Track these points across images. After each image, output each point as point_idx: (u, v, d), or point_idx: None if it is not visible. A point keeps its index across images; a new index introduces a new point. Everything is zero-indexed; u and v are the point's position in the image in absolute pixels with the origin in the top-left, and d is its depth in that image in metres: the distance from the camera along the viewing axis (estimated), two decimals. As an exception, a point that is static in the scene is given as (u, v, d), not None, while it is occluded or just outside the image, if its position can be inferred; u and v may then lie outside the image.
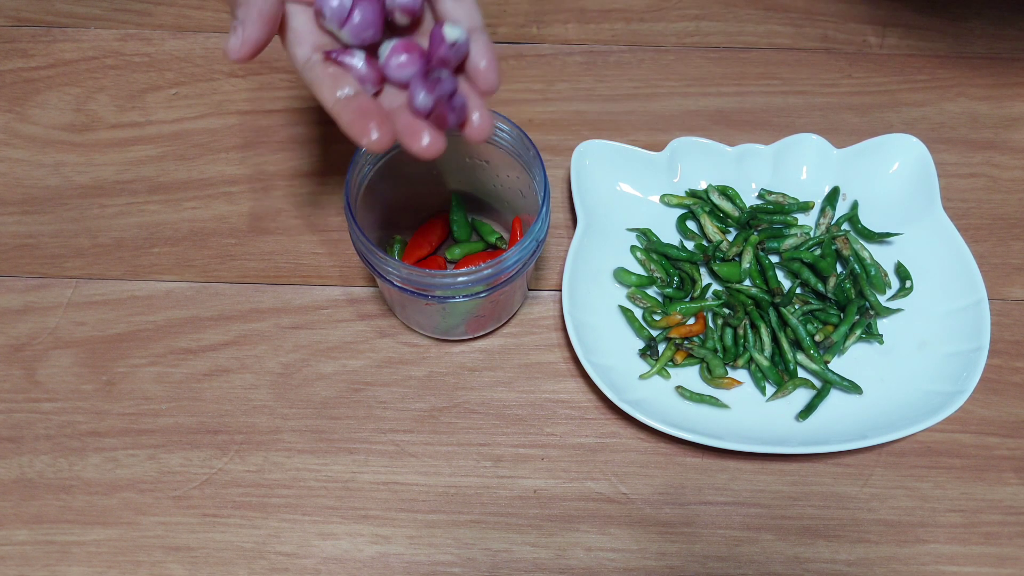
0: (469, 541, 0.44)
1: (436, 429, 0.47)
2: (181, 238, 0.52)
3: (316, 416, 0.47)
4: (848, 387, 0.47)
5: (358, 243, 0.41)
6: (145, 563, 0.43)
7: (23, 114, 0.56)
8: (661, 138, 0.54)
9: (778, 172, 0.53)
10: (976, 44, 0.60)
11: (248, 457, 0.46)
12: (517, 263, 0.41)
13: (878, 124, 0.56)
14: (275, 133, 0.56)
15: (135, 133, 0.55)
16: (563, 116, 0.56)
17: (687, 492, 0.45)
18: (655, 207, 0.53)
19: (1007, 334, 0.50)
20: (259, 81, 0.57)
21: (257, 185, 0.54)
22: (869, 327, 0.48)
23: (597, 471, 0.46)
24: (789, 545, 0.44)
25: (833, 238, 0.50)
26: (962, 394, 0.45)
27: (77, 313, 0.50)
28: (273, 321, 0.49)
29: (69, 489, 0.45)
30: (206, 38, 0.59)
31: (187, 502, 0.45)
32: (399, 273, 0.41)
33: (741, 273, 0.50)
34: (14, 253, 0.51)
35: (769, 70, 0.58)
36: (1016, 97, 0.58)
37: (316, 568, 0.43)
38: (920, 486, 0.46)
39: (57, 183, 0.54)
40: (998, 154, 0.55)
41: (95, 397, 0.47)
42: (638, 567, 0.44)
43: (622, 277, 0.50)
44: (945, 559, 0.44)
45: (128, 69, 0.58)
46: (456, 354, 0.49)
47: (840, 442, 0.44)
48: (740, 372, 0.48)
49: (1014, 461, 0.46)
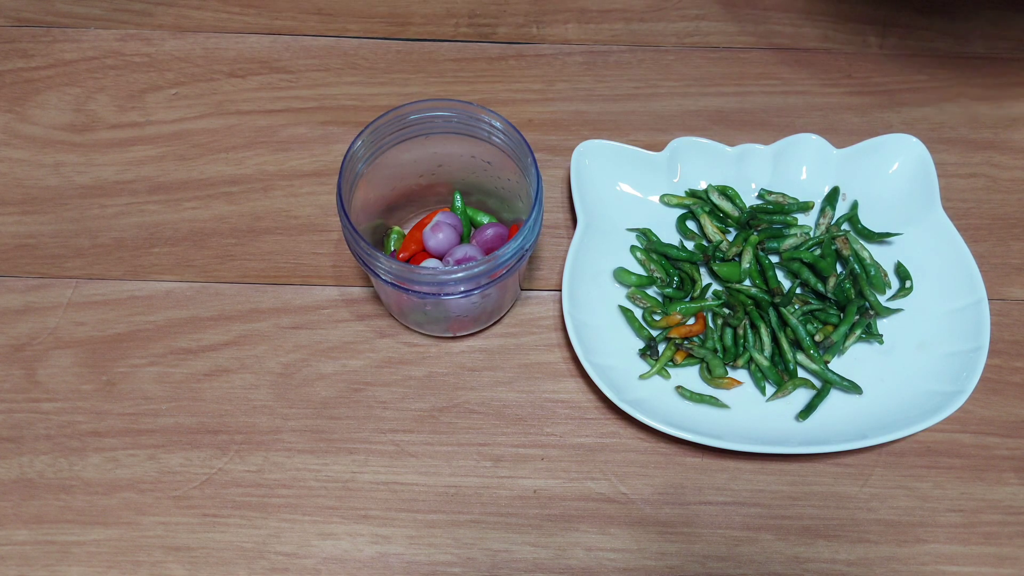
0: (469, 541, 0.44)
1: (436, 429, 0.47)
2: (181, 238, 0.52)
3: (316, 416, 0.47)
4: (848, 387, 0.47)
5: (346, 232, 0.41)
6: (145, 563, 0.43)
7: (23, 114, 0.56)
8: (661, 138, 0.54)
9: (778, 172, 0.53)
10: (976, 44, 0.60)
11: (248, 457, 0.46)
12: (505, 263, 0.41)
13: (878, 124, 0.56)
14: (275, 133, 0.56)
15: (135, 133, 0.55)
16: (563, 116, 0.56)
17: (687, 492, 0.45)
18: (655, 207, 0.53)
19: (1007, 334, 0.50)
20: (259, 81, 0.58)
21: (257, 185, 0.54)
22: (869, 327, 0.48)
23: (597, 471, 0.46)
24: (789, 545, 0.44)
25: (833, 238, 0.50)
26: (962, 394, 0.45)
27: (77, 313, 0.50)
28: (273, 321, 0.49)
29: (69, 489, 0.45)
30: (206, 38, 0.59)
31: (187, 502, 0.45)
32: (384, 266, 0.41)
33: (741, 273, 0.50)
34: (14, 253, 0.51)
35: (769, 70, 0.58)
36: (1016, 97, 0.58)
37: (316, 568, 0.43)
38: (920, 486, 0.46)
39: (57, 183, 0.54)
40: (998, 154, 0.55)
41: (95, 397, 0.47)
42: (638, 567, 0.44)
43: (622, 277, 0.50)
44: (945, 559, 0.44)
45: (128, 69, 0.58)
46: (456, 354, 0.49)
47: (840, 442, 0.44)
48: (740, 372, 0.48)
49: (1014, 461, 0.46)
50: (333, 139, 0.55)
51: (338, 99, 0.57)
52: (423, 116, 0.44)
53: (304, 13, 0.60)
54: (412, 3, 0.61)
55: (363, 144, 0.43)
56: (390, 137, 0.44)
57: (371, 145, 0.44)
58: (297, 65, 0.58)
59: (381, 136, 0.44)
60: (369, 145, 0.44)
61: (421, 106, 0.44)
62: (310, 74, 0.58)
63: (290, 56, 0.59)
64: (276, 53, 0.59)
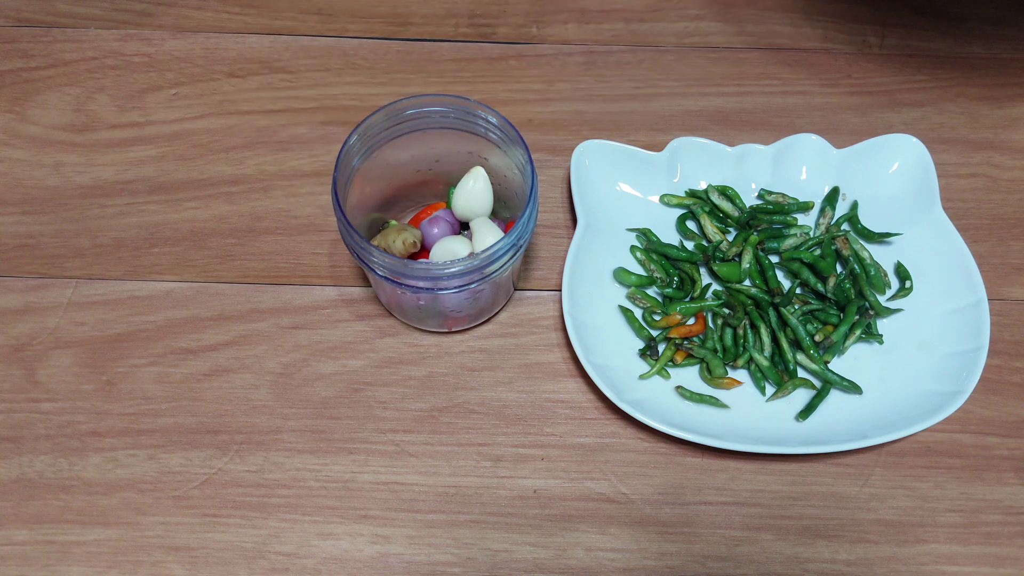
0: (469, 541, 0.44)
1: (436, 429, 0.47)
2: (181, 238, 0.52)
3: (316, 416, 0.47)
4: (848, 387, 0.47)
5: (341, 227, 0.41)
6: (145, 563, 0.43)
7: (23, 114, 0.56)
8: (661, 138, 0.54)
9: (778, 172, 0.53)
10: (975, 44, 0.60)
11: (248, 457, 0.46)
12: (495, 258, 0.41)
13: (878, 124, 0.56)
14: (275, 133, 0.56)
15: (135, 133, 0.55)
16: (563, 116, 0.56)
17: (687, 492, 0.45)
18: (655, 207, 0.53)
19: (1007, 334, 0.50)
20: (259, 81, 0.58)
21: (257, 185, 0.54)
22: (869, 327, 0.48)
23: (597, 471, 0.46)
24: (789, 545, 0.44)
25: (833, 238, 0.50)
26: (962, 394, 0.45)
27: (77, 313, 0.50)
28: (273, 321, 0.49)
29: (69, 489, 0.45)
30: (206, 38, 0.59)
31: (187, 502, 0.45)
32: (378, 260, 0.41)
33: (741, 273, 0.50)
34: (14, 253, 0.51)
35: (769, 70, 0.58)
36: (1016, 97, 0.58)
37: (316, 568, 0.43)
38: (920, 486, 0.46)
39: (57, 183, 0.54)
40: (998, 154, 0.55)
41: (95, 397, 0.47)
42: (638, 567, 0.44)
43: (622, 277, 0.50)
44: (945, 559, 0.44)
45: (128, 69, 0.58)
46: (456, 354, 0.49)
47: (840, 442, 0.44)
48: (740, 372, 0.48)
49: (1014, 461, 0.46)
50: (333, 139, 0.55)
51: (338, 99, 0.57)
52: (419, 111, 0.44)
53: (304, 13, 0.60)
54: (412, 3, 0.61)
55: (359, 139, 0.43)
56: (386, 132, 0.44)
57: (367, 140, 0.44)
58: (297, 65, 0.58)
59: (377, 131, 0.44)
60: (365, 140, 0.44)
61: (417, 101, 0.44)
62: (310, 74, 0.58)
63: (290, 56, 0.59)
64: (276, 53, 0.59)
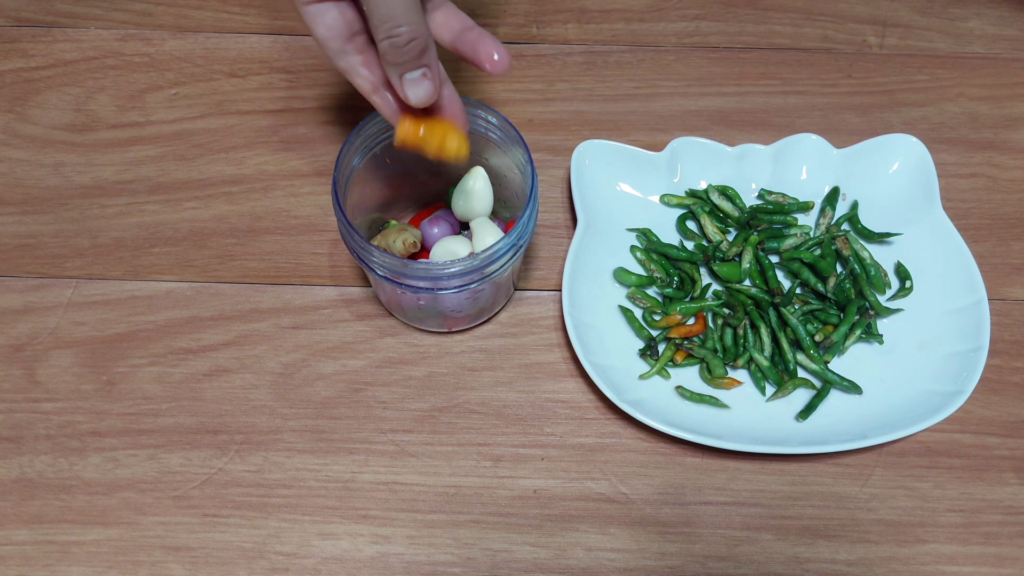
0: (469, 541, 0.44)
1: (436, 429, 0.47)
2: (181, 238, 0.52)
3: (316, 416, 0.47)
4: (848, 387, 0.47)
5: (341, 226, 0.41)
6: (145, 563, 0.43)
7: (23, 114, 0.56)
8: (661, 138, 0.54)
9: (778, 172, 0.53)
10: (975, 44, 0.60)
11: (248, 457, 0.46)
12: (495, 258, 0.41)
13: (878, 124, 0.56)
14: (275, 133, 0.56)
15: (135, 133, 0.55)
16: (563, 116, 0.56)
17: (687, 492, 0.45)
18: (655, 207, 0.53)
19: (1007, 334, 0.50)
20: (259, 81, 0.57)
21: (257, 185, 0.54)
22: (869, 327, 0.48)
23: (597, 471, 0.46)
24: (789, 545, 0.44)
25: (833, 238, 0.50)
26: (962, 394, 0.45)
27: (77, 313, 0.50)
28: (273, 321, 0.49)
29: (69, 489, 0.45)
30: (206, 38, 0.59)
31: (187, 502, 0.45)
32: (378, 260, 0.41)
33: (741, 273, 0.50)
34: (14, 253, 0.51)
35: (769, 70, 0.58)
36: (1016, 97, 0.58)
37: (316, 568, 0.43)
38: (920, 486, 0.46)
39: (57, 183, 0.54)
40: (998, 154, 0.55)
41: (95, 397, 0.47)
42: (638, 567, 0.44)
43: (622, 277, 0.50)
44: (945, 559, 0.44)
45: (128, 69, 0.58)
46: (456, 354, 0.49)
47: (840, 442, 0.44)
48: (740, 372, 0.48)
49: (1014, 461, 0.46)
50: (333, 139, 0.55)
51: (338, 99, 0.57)
52: None
53: (304, 13, 0.60)
54: (412, 3, 0.61)
55: (359, 139, 0.43)
56: (386, 132, 0.44)
57: (367, 140, 0.44)
58: (297, 65, 0.58)
59: (377, 131, 0.44)
60: (365, 140, 0.44)
61: None
62: (310, 74, 0.58)
63: (290, 56, 0.59)
64: (276, 53, 0.59)
